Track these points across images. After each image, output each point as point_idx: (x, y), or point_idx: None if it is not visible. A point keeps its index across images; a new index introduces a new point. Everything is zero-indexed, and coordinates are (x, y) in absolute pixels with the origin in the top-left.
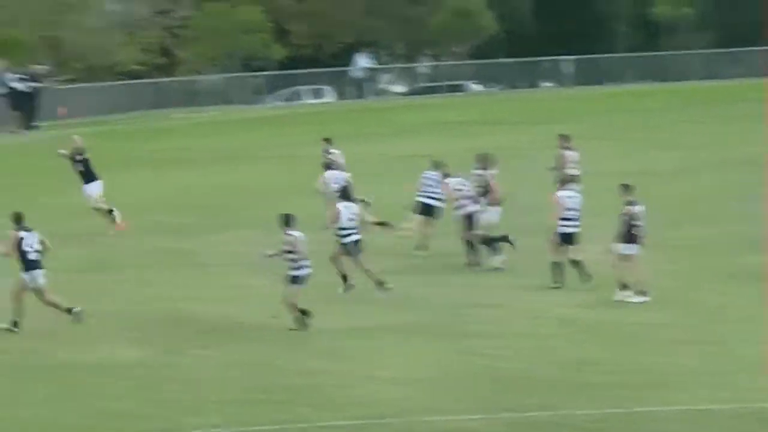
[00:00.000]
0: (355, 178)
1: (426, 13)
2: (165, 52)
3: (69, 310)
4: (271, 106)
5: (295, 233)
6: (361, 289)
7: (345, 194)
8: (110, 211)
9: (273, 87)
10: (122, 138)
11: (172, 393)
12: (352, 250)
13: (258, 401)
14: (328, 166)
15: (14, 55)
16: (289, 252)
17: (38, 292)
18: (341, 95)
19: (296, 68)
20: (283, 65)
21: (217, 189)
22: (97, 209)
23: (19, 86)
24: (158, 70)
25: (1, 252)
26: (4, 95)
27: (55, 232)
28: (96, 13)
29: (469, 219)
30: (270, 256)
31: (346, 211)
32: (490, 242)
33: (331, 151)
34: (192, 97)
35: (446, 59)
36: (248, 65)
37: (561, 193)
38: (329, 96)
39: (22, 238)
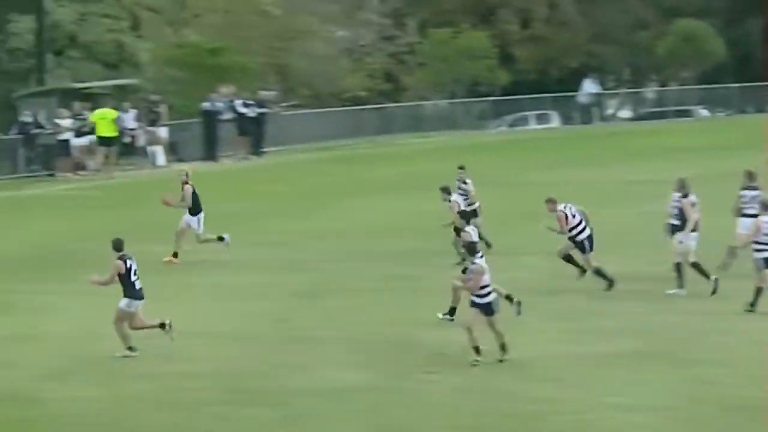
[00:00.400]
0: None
1: (652, 39)
2: (390, 78)
3: (162, 325)
4: (496, 132)
5: (480, 262)
6: (590, 315)
7: (465, 216)
8: (221, 238)
9: (498, 112)
10: (348, 163)
11: (400, 418)
12: None
13: (486, 427)
14: (447, 190)
15: (242, 81)
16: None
17: (131, 316)
18: (567, 120)
19: (521, 93)
20: (507, 90)
21: (442, 214)
22: (203, 239)
23: (247, 112)
24: (383, 96)
25: (101, 281)
26: (231, 120)
27: (281, 257)
28: (323, 39)
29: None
30: (459, 287)
31: (475, 235)
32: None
33: (467, 180)
34: (417, 123)
35: (673, 84)
36: (473, 90)
37: (763, 218)
38: (555, 121)
39: (129, 267)
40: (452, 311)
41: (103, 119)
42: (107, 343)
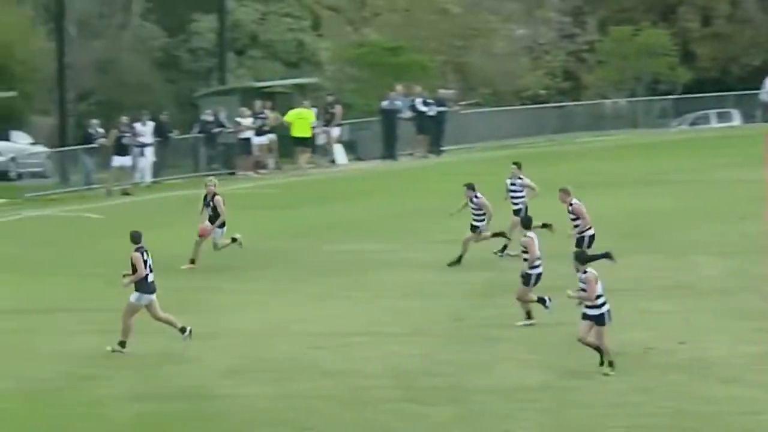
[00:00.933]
0: (754, 203)
1: None
2: (570, 76)
3: (183, 329)
4: (677, 130)
5: (592, 271)
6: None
7: (526, 223)
8: (234, 239)
9: (679, 111)
10: (527, 162)
11: (576, 418)
12: (530, 281)
13: (664, 427)
14: (472, 187)
15: (421, 80)
16: (584, 290)
17: (139, 309)
18: (748, 119)
19: (702, 91)
20: (688, 88)
21: (623, 213)
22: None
23: (426, 110)
24: (562, 95)
25: (133, 278)
26: (410, 119)
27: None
28: (503, 38)
29: None
30: (571, 296)
31: (538, 241)
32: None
33: (521, 177)
34: (597, 121)
35: None
36: (654, 89)
37: None
38: (736, 120)
39: (146, 261)
40: (528, 315)
41: (300, 119)
42: (287, 341)
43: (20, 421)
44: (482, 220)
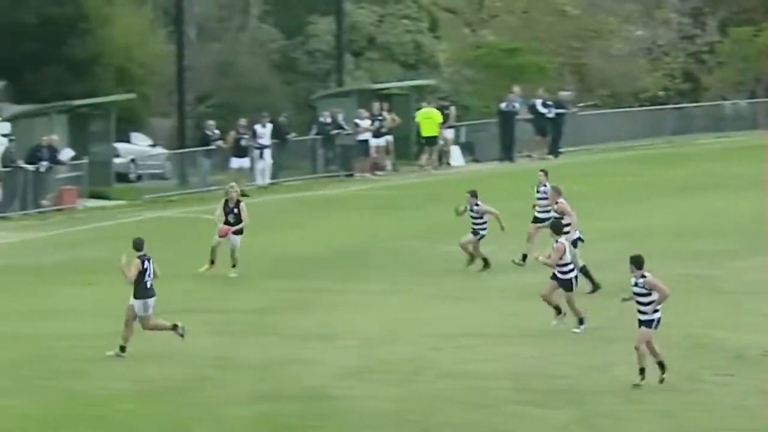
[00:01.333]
0: None
1: None
2: (689, 77)
3: (174, 327)
4: None
5: (648, 275)
6: None
7: (556, 228)
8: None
9: None
10: (646, 163)
11: (694, 420)
12: (573, 285)
13: None
14: (474, 194)
15: (539, 81)
16: (641, 295)
17: (144, 319)
18: None
19: None
20: None
21: (743, 215)
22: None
23: (546, 112)
24: (681, 96)
25: (127, 278)
26: (528, 120)
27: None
28: (621, 39)
29: None
30: (626, 300)
31: (570, 246)
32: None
33: (546, 184)
34: (717, 123)
35: None
36: None
37: None
38: None
39: (146, 269)
40: (581, 321)
41: (428, 119)
42: (405, 342)
43: (140, 422)
44: (483, 228)
